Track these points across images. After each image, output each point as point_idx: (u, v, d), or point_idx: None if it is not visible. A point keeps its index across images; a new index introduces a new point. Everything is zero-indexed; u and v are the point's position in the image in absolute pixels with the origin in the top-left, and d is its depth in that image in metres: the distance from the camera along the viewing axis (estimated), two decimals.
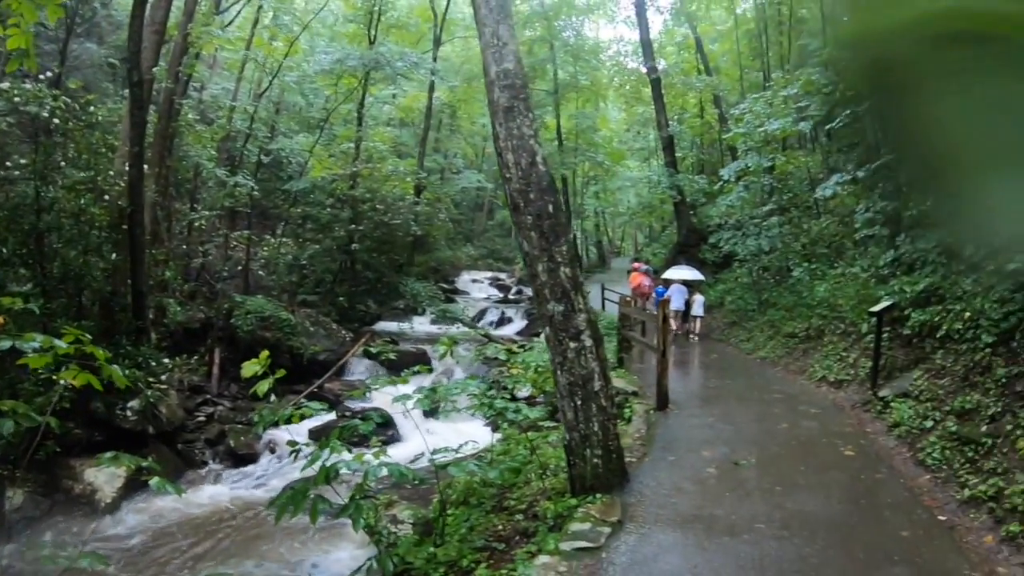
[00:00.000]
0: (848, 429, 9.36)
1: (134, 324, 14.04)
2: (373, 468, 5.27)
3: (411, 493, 9.52)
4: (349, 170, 25.13)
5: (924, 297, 10.35)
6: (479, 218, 52.31)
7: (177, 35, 19.04)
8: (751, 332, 17.62)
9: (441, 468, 6.38)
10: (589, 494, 6.63)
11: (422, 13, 35.65)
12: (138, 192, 14.01)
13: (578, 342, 6.86)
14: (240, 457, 13.59)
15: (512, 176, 7.08)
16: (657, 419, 9.87)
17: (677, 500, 6.70)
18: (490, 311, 29.32)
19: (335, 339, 20.42)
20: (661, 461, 7.95)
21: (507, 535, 6.45)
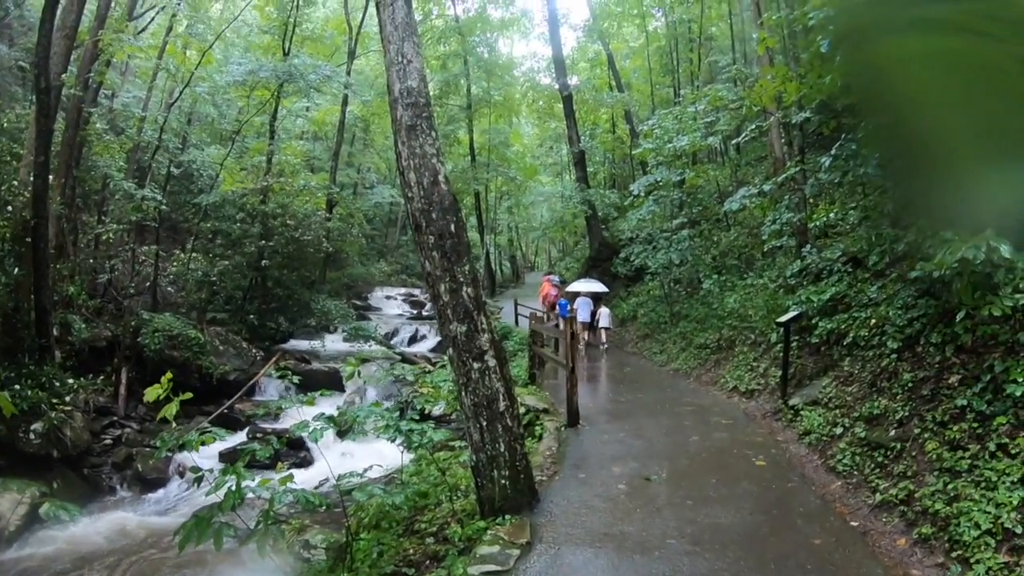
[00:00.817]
0: (759, 439, 9.58)
1: (37, 342, 13.63)
2: (279, 494, 5.23)
3: (324, 517, 9.43)
4: (260, 184, 24.81)
5: (831, 305, 10.67)
6: (392, 233, 52.11)
7: (88, 40, 18.49)
8: (664, 344, 17.95)
9: (345, 493, 6.34)
10: (498, 516, 6.67)
11: (337, 26, 35.49)
12: (43, 203, 13.56)
13: (482, 362, 6.90)
14: (149, 482, 13.23)
15: (414, 195, 7.09)
16: (568, 436, 9.97)
17: (587, 519, 6.77)
18: (403, 328, 29.32)
19: (245, 358, 20.11)
20: (571, 479, 8.04)
21: (417, 560, 6.46)
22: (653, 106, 30.90)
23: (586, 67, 38.92)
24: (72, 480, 12.24)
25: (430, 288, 7.24)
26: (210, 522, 4.63)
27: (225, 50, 30.05)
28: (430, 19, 36.29)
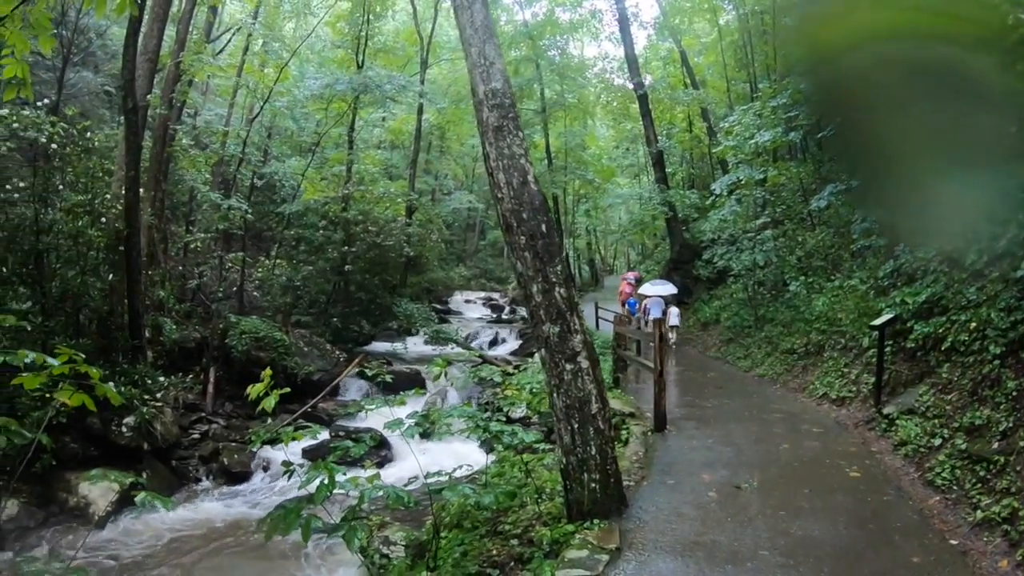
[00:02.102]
0: (852, 449, 9.15)
1: (131, 343, 14.24)
2: (368, 490, 5.22)
3: (403, 515, 9.47)
4: (341, 192, 25.29)
5: (927, 308, 10.05)
6: (471, 238, 52.44)
7: (170, 63, 19.31)
8: (748, 349, 17.46)
9: (436, 492, 6.31)
10: (586, 520, 6.52)
11: (408, 37, 35.80)
12: (134, 215, 14.16)
13: (574, 363, 6.75)
14: (234, 475, 13.62)
15: (504, 196, 7.00)
16: (655, 441, 9.73)
17: (677, 526, 6.56)
18: (483, 331, 29.38)
19: (329, 359, 20.48)
20: (660, 485, 7.82)
21: (502, 561, 6.38)
22: (730, 102, 30.19)
23: (659, 65, 38.33)
24: (160, 471, 12.68)
25: (522, 289, 7.12)
26: (299, 514, 4.63)
27: (300, 66, 30.72)
28: (499, 25, 36.31)
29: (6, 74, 4.16)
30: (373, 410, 6.56)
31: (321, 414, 16.54)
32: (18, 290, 13.02)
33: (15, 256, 13.12)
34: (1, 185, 13.33)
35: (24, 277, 13.24)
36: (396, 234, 26.63)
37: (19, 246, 13.12)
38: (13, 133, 13.74)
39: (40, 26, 4.12)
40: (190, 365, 17.54)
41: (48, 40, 4.18)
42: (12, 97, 4.49)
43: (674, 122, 36.71)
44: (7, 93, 4.36)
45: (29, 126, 13.28)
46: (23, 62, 4.17)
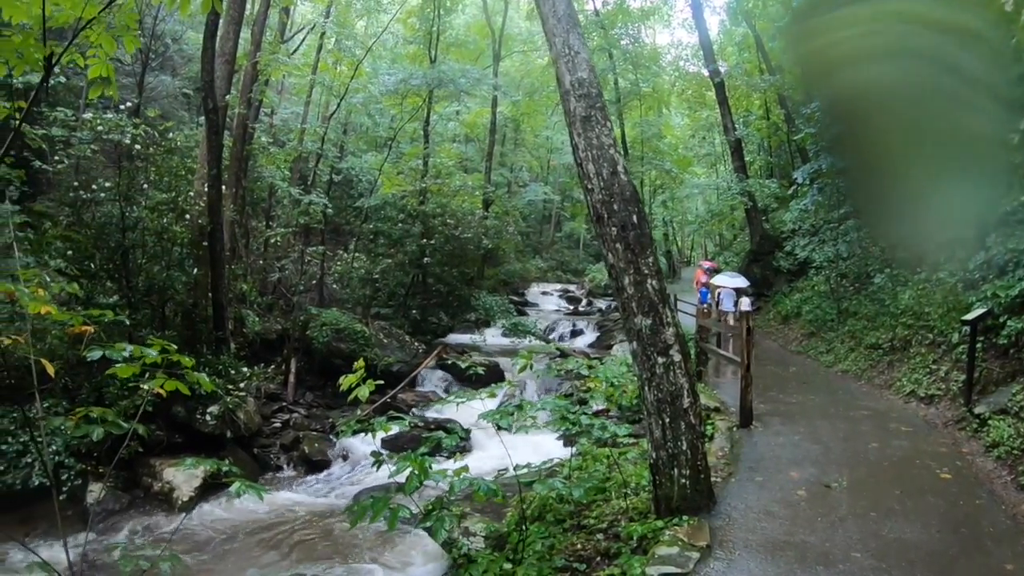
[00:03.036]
0: (942, 449, 8.81)
1: (214, 335, 14.67)
2: (457, 482, 5.24)
3: (482, 506, 9.47)
4: (418, 186, 25.46)
5: (1020, 303, 9.63)
6: (547, 230, 52.39)
7: (247, 64, 19.82)
8: (831, 343, 16.93)
9: (525, 484, 6.28)
10: (675, 516, 6.40)
11: (479, 30, 35.93)
12: (217, 211, 14.55)
13: (666, 357, 6.63)
14: (314, 463, 13.84)
15: (594, 187, 6.90)
16: (741, 437, 9.53)
17: (767, 524, 6.40)
18: (561, 323, 29.14)
19: (408, 351, 20.70)
20: (748, 482, 7.65)
21: (588, 555, 6.31)
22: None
23: (733, 51, 37.49)
24: (243, 458, 12.89)
25: (613, 281, 7.00)
26: (386, 503, 4.67)
27: (373, 62, 31.05)
28: None
29: (92, 74, 4.26)
30: (464, 402, 6.57)
31: (400, 405, 16.66)
32: (106, 285, 13.53)
33: (102, 253, 13.62)
34: (87, 185, 13.82)
35: (111, 272, 13.76)
36: (474, 227, 26.75)
37: (106, 243, 13.62)
38: (97, 136, 14.26)
39: (125, 28, 4.21)
40: (272, 356, 18.01)
41: (133, 41, 4.28)
42: (98, 95, 4.61)
43: (751, 109, 35.91)
44: (93, 91, 4.48)
45: (112, 129, 13.82)
46: (108, 63, 4.27)
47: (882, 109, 1.29)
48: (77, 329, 3.60)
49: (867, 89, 1.31)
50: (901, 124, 1.29)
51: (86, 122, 14.41)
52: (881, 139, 1.33)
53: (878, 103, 1.30)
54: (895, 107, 1.28)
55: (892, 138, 1.31)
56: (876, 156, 1.37)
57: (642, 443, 9.14)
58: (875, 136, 1.34)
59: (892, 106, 1.29)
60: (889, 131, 1.31)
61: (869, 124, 1.34)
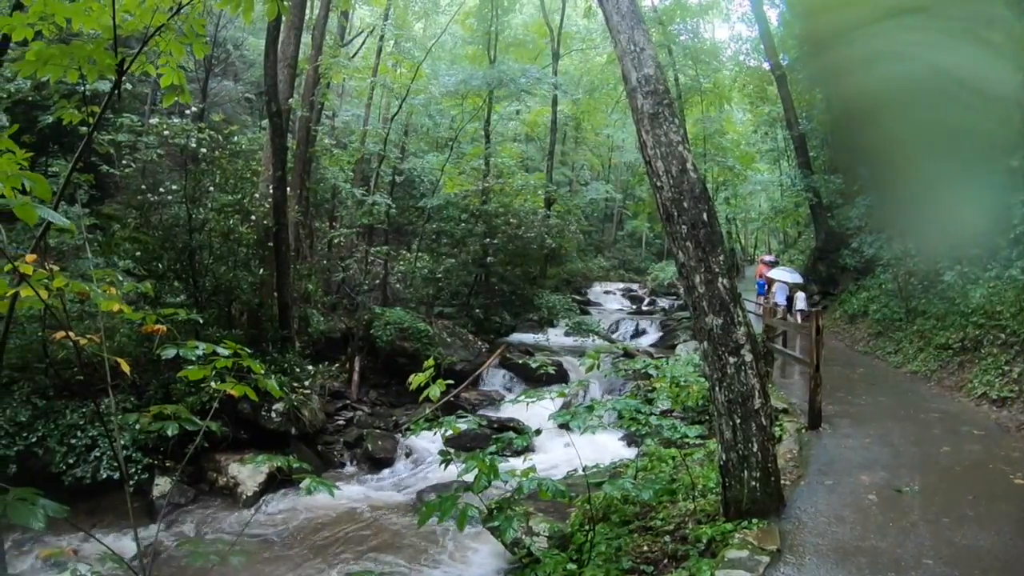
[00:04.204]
0: (1016, 454, 8.46)
1: (280, 333, 14.93)
2: (526, 482, 5.24)
3: (545, 505, 9.47)
4: (480, 186, 25.57)
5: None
6: (609, 229, 52.14)
7: (308, 68, 20.17)
8: (899, 343, 16.42)
9: (595, 485, 6.26)
10: (744, 519, 6.29)
11: (537, 29, 35.87)
12: (282, 212, 14.78)
13: (738, 357, 6.50)
14: (377, 460, 14.00)
15: (663, 185, 6.81)
16: (810, 439, 9.30)
17: (837, 529, 6.24)
18: (623, 323, 28.92)
19: (471, 350, 20.80)
20: (817, 485, 7.46)
21: (654, 558, 6.24)
22: None
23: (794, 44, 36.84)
24: (307, 455, 13.04)
25: (684, 280, 6.89)
26: (455, 501, 4.68)
27: (432, 64, 31.26)
28: None
29: (164, 82, 4.35)
30: (534, 401, 6.56)
31: (463, 403, 16.74)
32: (173, 284, 13.96)
33: (170, 253, 14.02)
34: (154, 188, 14.26)
35: (179, 273, 14.18)
36: (536, 226, 26.67)
37: (173, 244, 14.00)
38: (164, 141, 14.73)
39: (193, 34, 4.29)
40: (336, 354, 18.23)
41: (202, 47, 4.36)
42: (171, 103, 4.71)
43: (815, 103, 35.22)
44: (166, 99, 4.57)
45: (178, 134, 14.26)
46: (178, 70, 4.36)
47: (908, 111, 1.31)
48: (150, 328, 3.68)
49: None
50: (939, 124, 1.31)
51: (152, 127, 14.85)
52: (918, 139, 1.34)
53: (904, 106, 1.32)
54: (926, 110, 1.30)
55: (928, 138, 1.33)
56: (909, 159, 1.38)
57: (708, 444, 9.04)
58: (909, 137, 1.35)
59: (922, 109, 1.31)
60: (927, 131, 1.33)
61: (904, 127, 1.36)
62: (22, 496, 2.37)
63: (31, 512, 2.32)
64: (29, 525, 2.30)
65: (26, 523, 2.29)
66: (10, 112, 12.50)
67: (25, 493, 2.41)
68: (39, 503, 2.37)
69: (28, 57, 3.63)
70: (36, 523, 2.29)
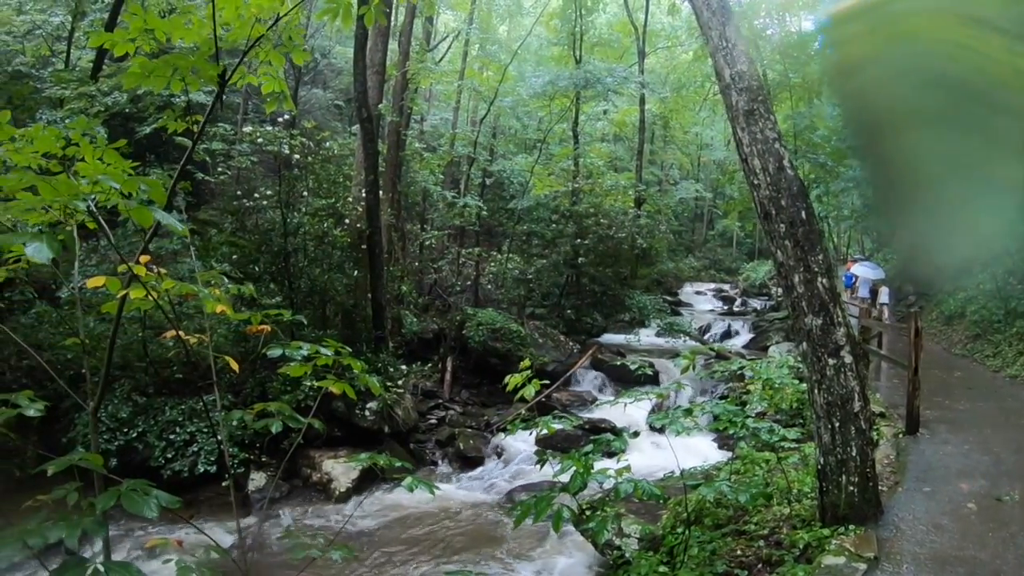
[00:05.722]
0: None
1: (373, 333, 15.22)
2: (623, 484, 5.22)
3: (637, 507, 9.41)
4: (570, 186, 25.54)
5: None
6: (699, 228, 51.40)
7: (396, 73, 20.64)
8: (998, 346, 15.63)
9: (693, 487, 6.19)
10: (841, 524, 6.14)
11: (622, 28, 35.52)
12: (375, 215, 15.12)
13: (837, 358, 6.34)
14: (468, 459, 14.13)
15: (760, 183, 6.68)
16: (907, 444, 8.98)
17: (936, 538, 6.03)
18: (715, 324, 28.36)
19: (563, 350, 20.80)
20: (915, 492, 7.21)
21: (748, 562, 6.13)
22: None
23: None
24: (399, 453, 13.12)
25: (782, 279, 6.80)
26: (550, 502, 4.70)
27: (518, 66, 31.37)
28: None
29: (265, 89, 4.47)
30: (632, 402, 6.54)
31: (555, 404, 16.71)
32: (269, 286, 14.34)
33: (265, 256, 14.54)
34: (249, 194, 14.78)
35: (275, 275, 14.63)
36: (627, 226, 26.49)
37: (269, 247, 14.52)
38: (258, 148, 15.23)
39: (292, 43, 4.41)
40: (428, 355, 18.52)
41: (301, 54, 4.47)
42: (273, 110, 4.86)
43: None
44: (269, 106, 4.71)
45: (272, 141, 14.64)
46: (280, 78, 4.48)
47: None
48: (255, 328, 3.82)
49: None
50: None
51: (245, 135, 15.35)
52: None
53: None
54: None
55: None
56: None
57: (803, 448, 8.84)
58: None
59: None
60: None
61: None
62: (136, 487, 2.49)
63: (144, 502, 2.43)
64: (142, 514, 2.41)
65: (140, 512, 2.40)
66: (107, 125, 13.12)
67: (139, 484, 2.53)
68: (152, 494, 2.48)
69: (132, 70, 3.76)
70: (150, 512, 2.40)
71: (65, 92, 15.18)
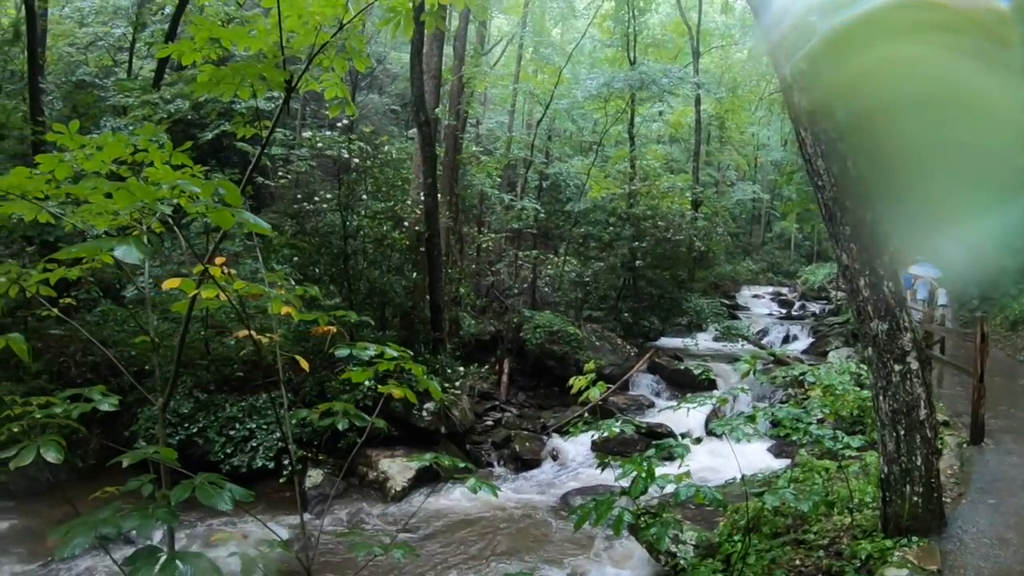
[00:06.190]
0: None
1: (431, 335, 15.40)
2: (684, 489, 5.19)
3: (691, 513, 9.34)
4: (627, 188, 25.45)
5: None
6: (756, 231, 50.70)
7: (452, 78, 20.96)
8: None
9: (756, 494, 6.13)
10: (903, 536, 6.01)
11: (675, 28, 35.22)
12: (434, 218, 15.28)
13: (903, 364, 6.19)
14: (524, 462, 14.12)
15: (824, 184, 6.53)
16: (971, 454, 8.73)
17: (1000, 552, 5.87)
18: (774, 328, 27.93)
19: (620, 354, 20.65)
20: (980, 504, 7.02)
21: (808, 572, 6.06)
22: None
23: None
24: (455, 454, 13.15)
25: (847, 283, 6.65)
26: (610, 506, 4.67)
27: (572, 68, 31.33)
28: None
29: (328, 95, 4.56)
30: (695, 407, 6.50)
31: (612, 407, 16.66)
32: (329, 288, 14.61)
33: (325, 259, 14.86)
34: (309, 197, 15.07)
35: (334, 277, 14.94)
36: (684, 228, 26.26)
37: (329, 250, 14.81)
38: (317, 152, 15.55)
39: (354, 50, 4.48)
40: (485, 356, 18.60)
41: (363, 61, 4.55)
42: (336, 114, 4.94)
43: None
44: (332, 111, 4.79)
45: (331, 145, 15.00)
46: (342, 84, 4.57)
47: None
48: (322, 329, 3.91)
49: None
50: None
51: (305, 140, 15.66)
52: None
53: None
54: None
55: None
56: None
57: (865, 457, 8.68)
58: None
59: None
60: None
61: None
62: (211, 480, 2.58)
63: (219, 495, 2.52)
64: (216, 506, 2.50)
65: (214, 504, 2.49)
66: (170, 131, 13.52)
67: (213, 478, 2.62)
68: (226, 487, 2.57)
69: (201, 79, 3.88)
70: (224, 505, 2.49)
71: (128, 100, 15.78)
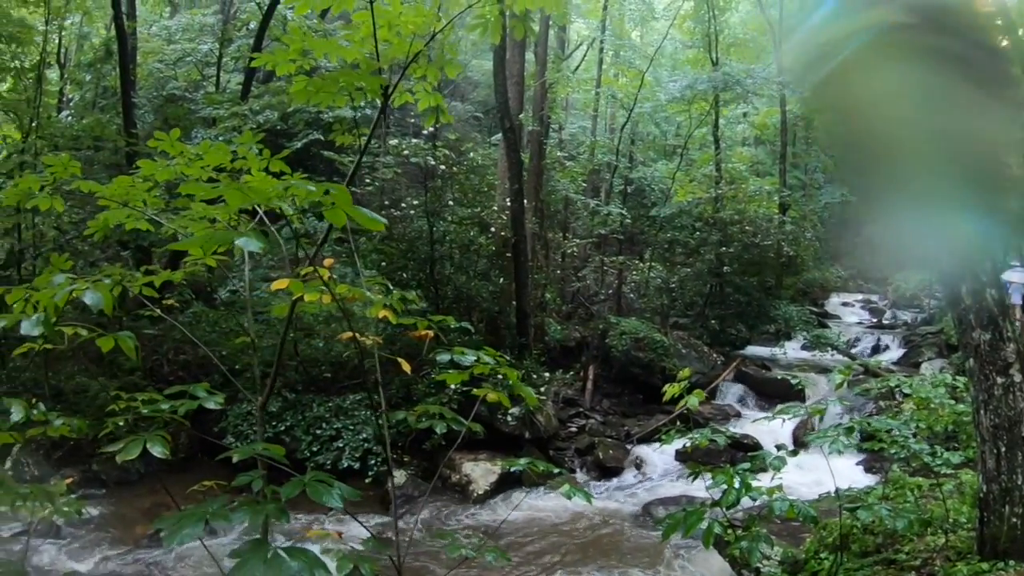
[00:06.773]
0: None
1: (517, 340, 15.51)
2: (777, 503, 5.11)
3: (778, 528, 9.16)
4: (713, 193, 25.11)
5: None
6: (846, 236, 49.32)
7: (535, 84, 21.08)
8: None
9: (850, 510, 5.98)
10: (1000, 559, 5.70)
11: (756, 26, 34.51)
12: (520, 223, 15.42)
13: (1006, 377, 5.87)
14: (607, 469, 14.04)
15: None
16: None
17: None
18: (864, 337, 26.96)
19: (706, 362, 20.34)
20: None
21: None
22: None
23: None
24: (539, 459, 13.25)
25: (947, 290, 6.48)
26: (700, 517, 4.62)
27: (654, 71, 31.03)
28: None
29: (421, 105, 4.65)
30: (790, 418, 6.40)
31: (697, 417, 16.44)
32: (416, 293, 14.79)
33: (412, 264, 15.16)
34: (396, 204, 15.46)
35: (421, 282, 15.09)
36: (772, 233, 25.76)
37: (416, 255, 15.11)
38: (403, 160, 15.88)
39: (446, 60, 4.55)
40: (570, 362, 18.49)
41: (454, 67, 4.61)
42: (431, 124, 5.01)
43: None
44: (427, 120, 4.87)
45: (417, 152, 15.26)
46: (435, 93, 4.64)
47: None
48: (420, 333, 3.99)
49: None
50: None
51: (392, 148, 15.97)
52: None
53: None
54: None
55: None
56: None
57: (960, 475, 8.36)
58: None
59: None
60: None
61: None
62: (320, 479, 2.69)
63: (328, 492, 2.62)
64: (326, 504, 2.60)
65: (324, 502, 2.58)
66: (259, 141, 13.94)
67: (322, 476, 2.72)
68: (335, 485, 2.67)
69: (298, 88, 4.05)
70: (333, 502, 2.59)
71: (218, 112, 16.44)
